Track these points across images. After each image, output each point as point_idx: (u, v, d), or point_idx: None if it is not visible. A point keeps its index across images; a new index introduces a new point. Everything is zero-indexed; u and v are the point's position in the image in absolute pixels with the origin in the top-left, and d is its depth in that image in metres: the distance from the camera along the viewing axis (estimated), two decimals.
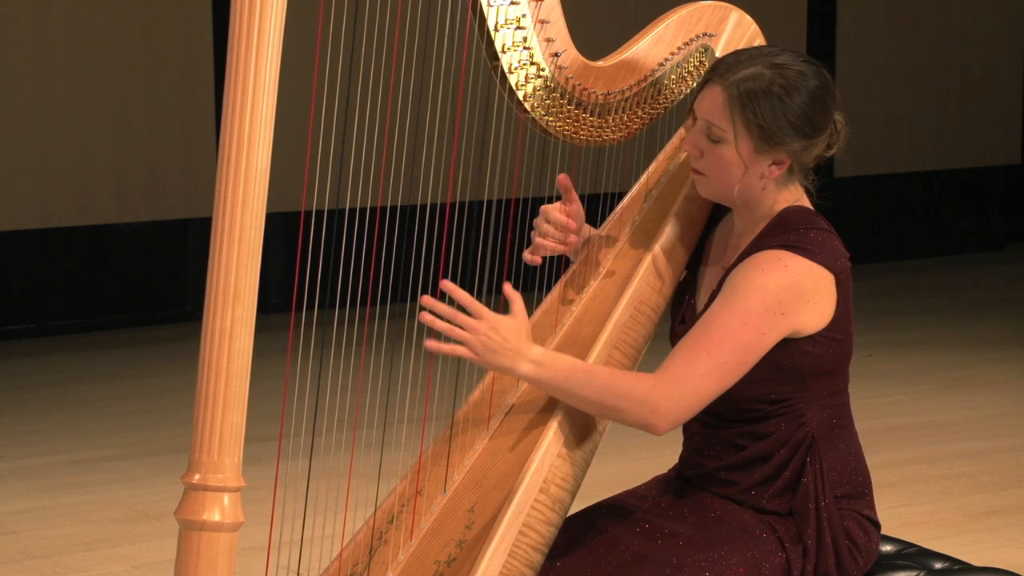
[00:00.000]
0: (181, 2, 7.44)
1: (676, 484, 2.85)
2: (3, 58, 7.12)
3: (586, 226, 3.00)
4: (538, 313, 2.92)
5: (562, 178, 2.87)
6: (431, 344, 2.60)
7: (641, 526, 2.75)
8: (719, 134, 2.71)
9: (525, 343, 2.64)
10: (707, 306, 2.75)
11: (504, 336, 2.62)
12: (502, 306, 2.69)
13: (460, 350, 2.61)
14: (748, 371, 2.65)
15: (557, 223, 2.92)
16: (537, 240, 2.92)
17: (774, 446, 2.73)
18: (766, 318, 2.63)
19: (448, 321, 2.60)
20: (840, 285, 2.71)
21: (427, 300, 2.60)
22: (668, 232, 2.88)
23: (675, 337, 2.84)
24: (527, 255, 2.90)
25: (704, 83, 2.74)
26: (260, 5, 2.21)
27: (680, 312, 2.86)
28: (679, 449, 2.89)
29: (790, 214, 2.74)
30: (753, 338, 2.63)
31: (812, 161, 2.76)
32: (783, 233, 2.70)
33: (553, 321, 2.89)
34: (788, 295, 2.65)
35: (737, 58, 2.73)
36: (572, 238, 2.94)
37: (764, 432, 2.74)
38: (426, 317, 2.59)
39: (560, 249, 2.93)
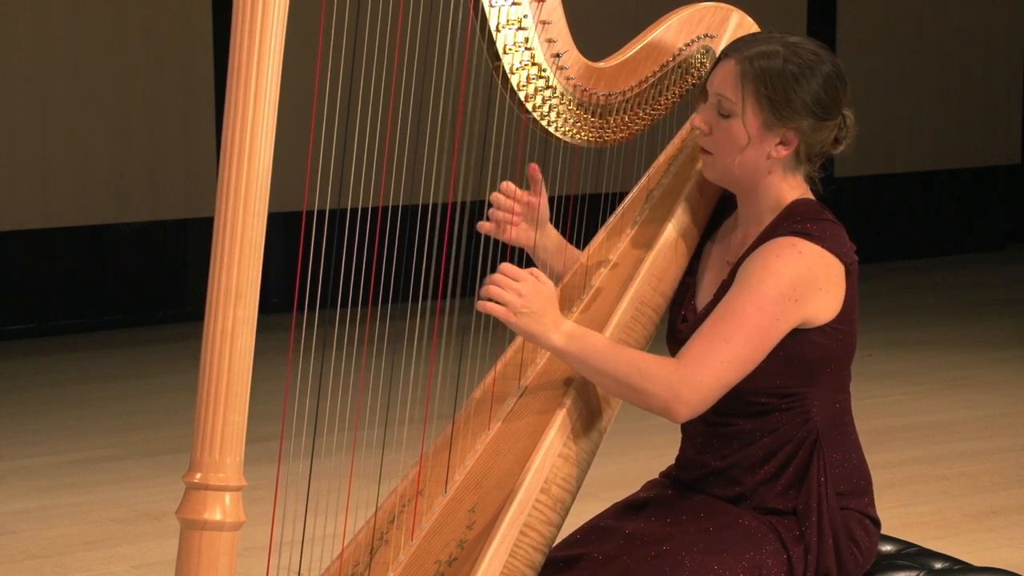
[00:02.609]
0: (181, 2, 7.44)
1: (671, 489, 2.85)
2: (3, 58, 7.12)
3: (555, 233, 2.99)
4: None
5: (531, 168, 2.87)
6: (478, 305, 2.65)
7: (636, 537, 2.74)
8: (729, 107, 2.72)
9: (559, 314, 2.68)
10: (711, 303, 2.75)
11: (543, 303, 2.66)
12: None
13: (498, 309, 2.64)
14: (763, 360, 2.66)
15: (506, 191, 2.91)
16: (490, 212, 2.93)
17: (780, 442, 2.74)
18: (780, 303, 2.64)
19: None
20: (849, 276, 2.72)
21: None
22: (670, 232, 2.88)
23: (675, 336, 2.84)
24: (481, 224, 2.91)
25: (718, 60, 2.76)
26: (262, 4, 2.21)
27: (681, 311, 2.86)
28: (677, 450, 2.89)
29: (799, 206, 2.76)
30: (768, 323, 2.64)
31: (819, 147, 2.76)
32: (795, 222, 2.72)
33: None
34: (802, 282, 2.66)
35: (753, 37, 2.78)
36: (516, 220, 2.92)
37: (770, 427, 2.74)
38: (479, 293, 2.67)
39: (507, 230, 2.91)
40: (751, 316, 2.64)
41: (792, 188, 2.78)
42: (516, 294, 2.65)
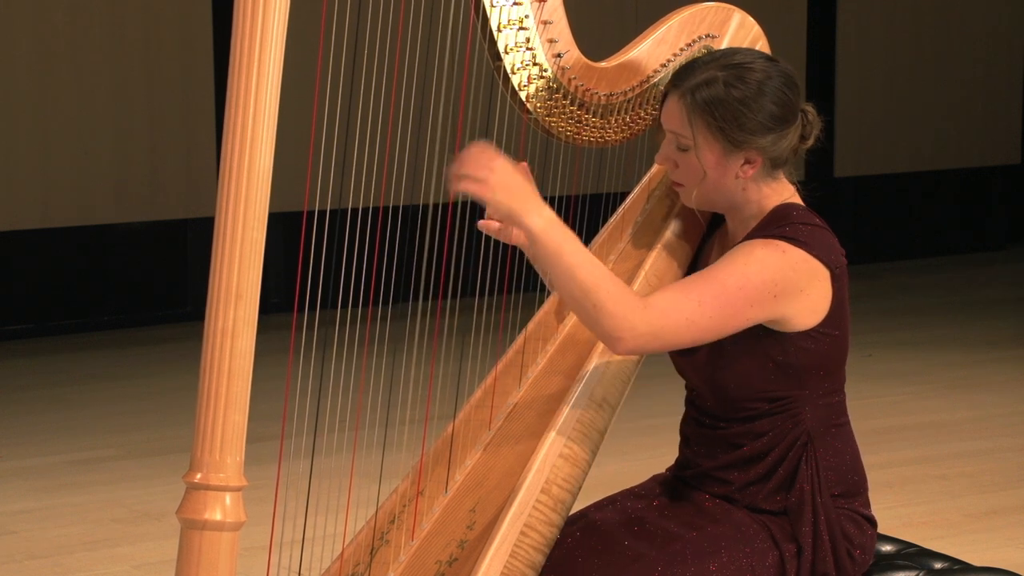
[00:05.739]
0: (181, 2, 7.44)
1: (672, 484, 2.86)
2: (3, 58, 7.12)
3: None
4: (540, 313, 2.92)
5: (522, 167, 2.82)
6: (452, 185, 2.53)
7: (636, 526, 2.75)
8: (686, 143, 2.71)
9: (539, 199, 2.56)
10: None
11: (523, 182, 2.56)
12: (506, 293, 2.67)
13: (471, 185, 2.53)
14: (733, 358, 2.65)
15: None
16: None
17: (769, 444, 2.74)
18: (759, 291, 2.62)
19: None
20: (836, 280, 2.71)
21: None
22: (670, 232, 2.89)
23: None
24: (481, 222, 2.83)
25: (664, 96, 2.75)
26: (263, 5, 2.21)
27: None
28: (677, 450, 2.89)
29: (783, 210, 2.74)
30: (742, 305, 2.62)
31: (787, 153, 2.75)
32: (778, 227, 2.70)
33: (556, 320, 2.89)
34: (784, 279, 2.64)
35: (692, 65, 2.74)
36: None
37: (760, 431, 2.74)
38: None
39: (510, 230, 2.87)
40: (728, 292, 2.61)
41: (772, 193, 2.76)
42: (490, 170, 2.53)
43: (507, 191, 2.54)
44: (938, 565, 2.88)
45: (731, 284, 2.62)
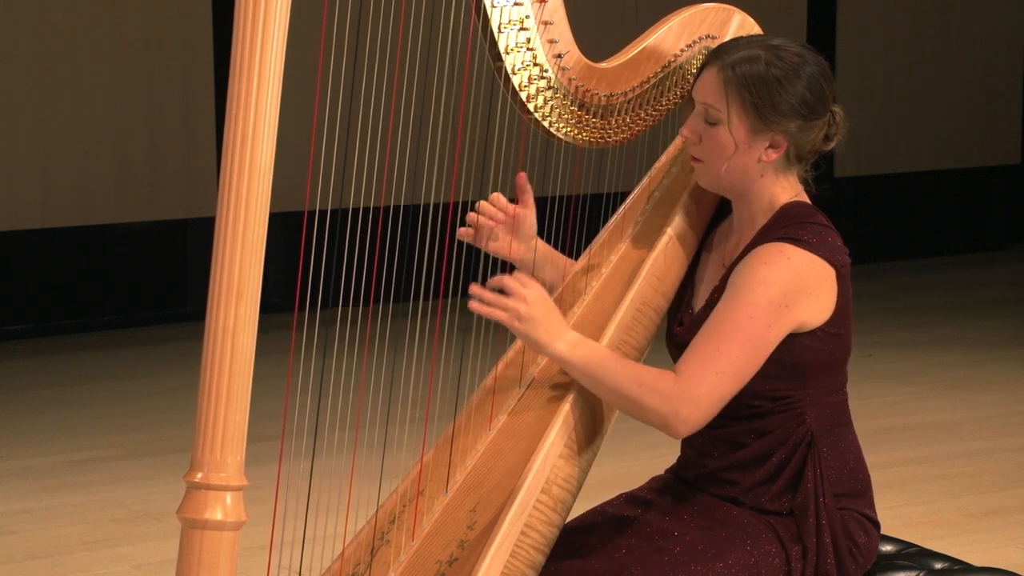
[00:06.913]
0: (181, 2, 7.43)
1: (674, 486, 2.86)
2: (3, 58, 7.12)
3: (541, 243, 2.97)
4: None
5: (520, 177, 2.85)
6: (474, 305, 2.63)
7: (640, 528, 2.75)
8: (716, 116, 2.72)
9: (563, 323, 2.67)
10: (707, 305, 2.75)
11: (548, 311, 2.65)
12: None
13: (501, 315, 2.64)
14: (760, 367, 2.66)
15: (494, 202, 2.89)
16: (476, 217, 2.89)
17: (774, 444, 2.74)
18: (771, 311, 2.64)
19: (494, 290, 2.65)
20: (841, 280, 2.72)
21: (474, 289, 2.64)
22: (670, 233, 2.89)
23: (672, 339, 2.84)
24: (461, 231, 2.86)
25: (701, 68, 2.76)
26: (264, 4, 2.21)
27: (679, 315, 2.87)
28: (678, 450, 2.89)
29: (791, 208, 2.75)
30: (760, 331, 2.63)
31: (809, 147, 2.76)
32: (784, 227, 2.71)
33: None
34: (792, 288, 2.66)
35: (735, 43, 2.77)
36: (495, 227, 2.89)
37: (764, 429, 2.74)
38: (474, 289, 2.63)
39: (486, 241, 2.90)
40: (743, 326, 2.63)
41: (785, 189, 2.77)
42: (521, 300, 2.65)
43: (532, 322, 2.65)
44: (938, 565, 2.88)
45: (742, 319, 2.63)
